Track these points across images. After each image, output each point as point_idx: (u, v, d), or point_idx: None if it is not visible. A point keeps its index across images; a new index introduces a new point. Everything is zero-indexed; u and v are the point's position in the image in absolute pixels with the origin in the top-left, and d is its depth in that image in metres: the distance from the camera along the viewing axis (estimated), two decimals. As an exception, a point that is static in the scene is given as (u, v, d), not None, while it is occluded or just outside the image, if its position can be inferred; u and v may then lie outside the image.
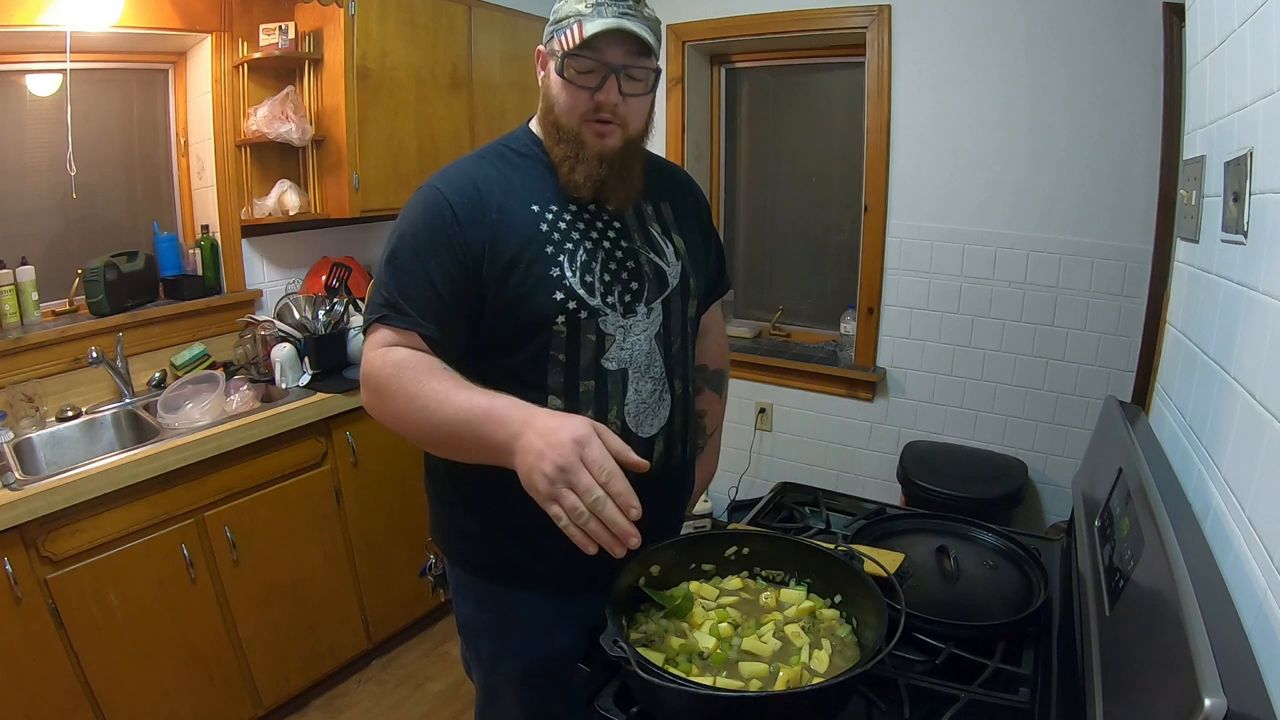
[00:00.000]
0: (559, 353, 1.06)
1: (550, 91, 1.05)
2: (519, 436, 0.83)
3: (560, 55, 1.00)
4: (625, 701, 0.89)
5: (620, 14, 0.98)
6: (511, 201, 1.05)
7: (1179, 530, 0.77)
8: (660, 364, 1.12)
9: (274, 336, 2.32)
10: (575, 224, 1.07)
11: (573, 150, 1.05)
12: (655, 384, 1.12)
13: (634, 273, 1.10)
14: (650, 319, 1.11)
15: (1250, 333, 0.81)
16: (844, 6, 2.59)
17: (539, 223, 1.05)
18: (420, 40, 2.47)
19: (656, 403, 1.12)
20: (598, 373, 1.07)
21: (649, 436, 1.12)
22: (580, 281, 1.05)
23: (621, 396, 1.09)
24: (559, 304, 1.04)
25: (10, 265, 1.98)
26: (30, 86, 2.06)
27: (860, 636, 0.92)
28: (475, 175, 1.06)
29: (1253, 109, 0.84)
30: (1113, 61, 2.22)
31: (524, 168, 1.09)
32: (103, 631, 1.72)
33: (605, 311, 1.07)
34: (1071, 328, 2.44)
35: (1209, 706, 0.52)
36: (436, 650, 2.52)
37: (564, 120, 1.04)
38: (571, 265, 1.05)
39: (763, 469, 3.08)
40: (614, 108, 1.02)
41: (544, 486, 0.79)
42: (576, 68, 1.00)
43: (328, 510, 2.21)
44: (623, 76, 1.01)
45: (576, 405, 1.07)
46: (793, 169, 3.09)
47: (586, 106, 1.02)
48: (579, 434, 0.79)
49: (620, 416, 1.09)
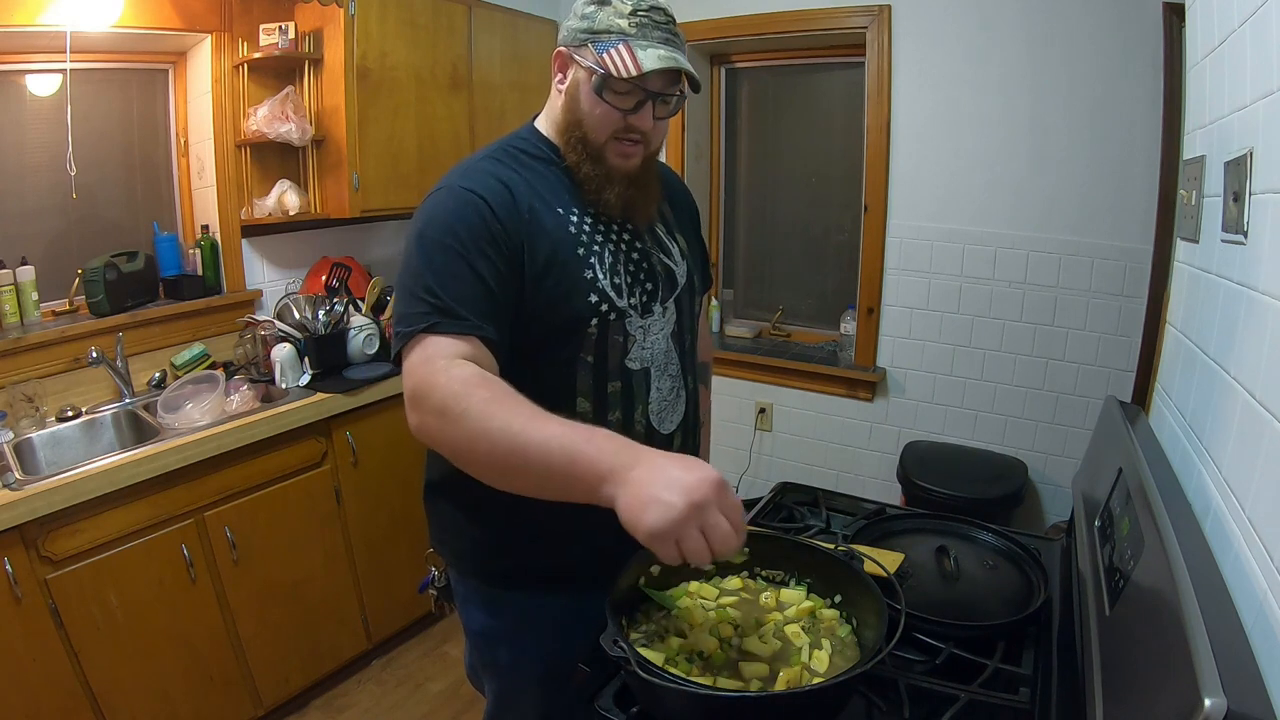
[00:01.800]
0: (588, 354, 1.06)
1: (580, 105, 1.03)
2: (631, 469, 0.77)
3: (602, 75, 0.99)
4: (625, 701, 0.89)
5: (665, 40, 0.99)
6: (538, 203, 1.04)
7: (1179, 530, 0.77)
8: (676, 361, 1.15)
9: (274, 336, 2.31)
10: (598, 226, 1.08)
11: (599, 169, 1.05)
12: (673, 381, 1.14)
13: (649, 273, 1.11)
14: (666, 318, 1.13)
15: (1250, 333, 0.81)
16: (844, 6, 2.59)
17: (567, 225, 1.05)
18: (420, 40, 2.47)
19: (675, 399, 1.15)
20: (623, 373, 1.09)
21: (669, 433, 1.14)
22: (610, 283, 1.06)
23: (646, 396, 1.10)
24: (593, 306, 1.04)
25: (10, 265, 1.98)
26: (30, 86, 2.06)
27: (860, 636, 0.92)
28: (500, 175, 1.03)
29: (1253, 109, 0.84)
30: (1113, 61, 2.22)
31: (540, 170, 1.08)
32: (103, 631, 1.72)
33: (630, 313, 1.08)
34: (1071, 328, 2.44)
35: (1209, 706, 0.52)
36: (436, 650, 2.52)
37: (592, 136, 1.04)
38: (601, 267, 1.05)
39: (763, 469, 3.08)
40: (645, 130, 1.04)
41: (670, 524, 0.73)
42: (616, 89, 1.00)
43: (328, 510, 2.21)
44: (658, 102, 1.02)
45: (605, 406, 1.08)
46: (793, 169, 3.09)
47: (619, 126, 1.03)
48: (718, 478, 0.76)
49: (645, 415, 1.11)
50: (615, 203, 1.06)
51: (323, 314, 2.34)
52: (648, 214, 1.12)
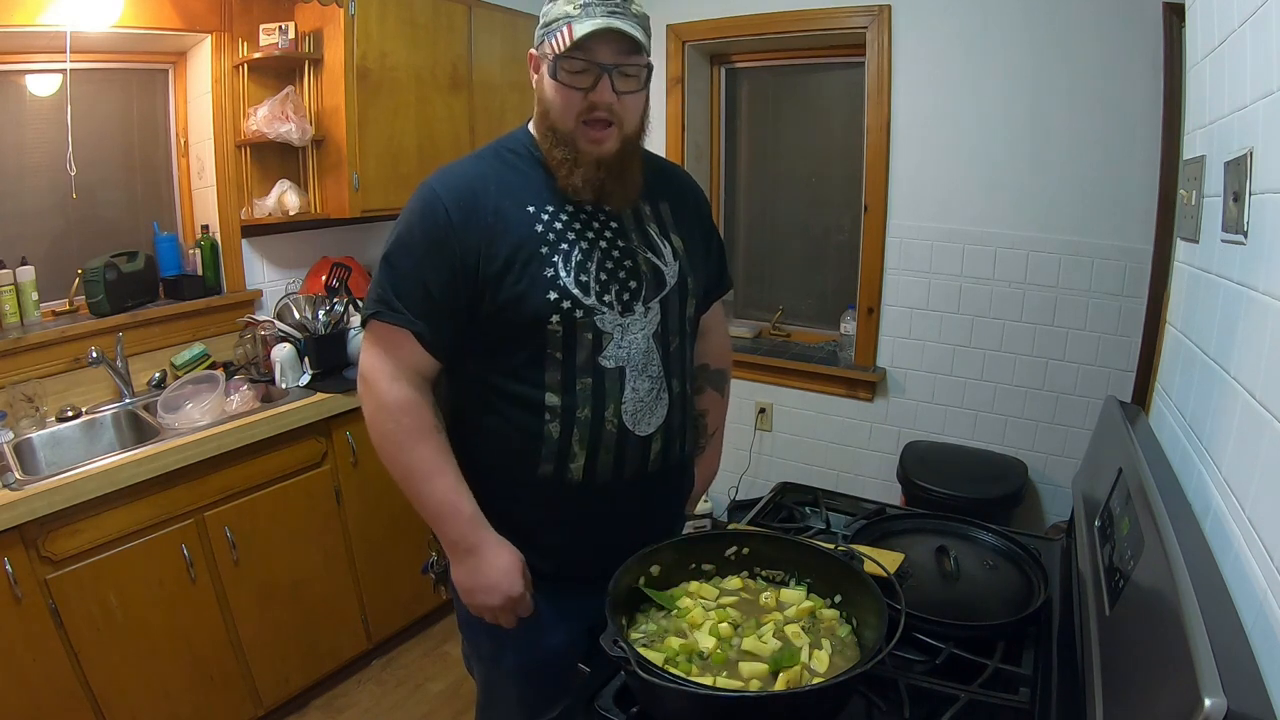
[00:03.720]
0: (555, 351, 1.07)
1: (544, 94, 1.06)
2: (471, 554, 1.09)
3: (552, 58, 1.02)
4: (625, 701, 0.89)
5: (609, 13, 0.99)
6: (507, 202, 1.06)
7: (1179, 530, 0.77)
8: (658, 363, 1.12)
9: (274, 336, 2.32)
10: (572, 224, 1.08)
11: (569, 154, 1.06)
12: (653, 382, 1.12)
13: (631, 271, 1.10)
14: (648, 318, 1.11)
15: (1250, 333, 0.81)
16: (844, 6, 2.59)
17: (534, 224, 1.07)
18: (420, 40, 2.47)
19: (654, 401, 1.13)
20: (595, 370, 1.08)
21: (646, 435, 1.12)
22: (575, 281, 1.06)
23: (619, 394, 1.09)
24: (553, 304, 1.05)
25: (10, 265, 1.98)
26: (30, 86, 2.06)
27: (860, 636, 0.92)
28: (472, 176, 1.09)
29: (1253, 109, 0.84)
30: (1113, 61, 2.22)
31: (521, 169, 1.10)
32: (103, 631, 1.72)
33: (602, 310, 1.07)
34: (1071, 328, 2.44)
35: (1209, 706, 0.52)
36: (436, 650, 2.52)
37: (559, 123, 1.05)
38: (566, 265, 1.06)
39: (763, 469, 3.08)
40: (609, 106, 1.03)
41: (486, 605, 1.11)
42: (569, 69, 1.02)
43: (328, 510, 2.21)
44: (616, 75, 1.02)
45: (574, 402, 1.07)
46: (793, 169, 3.09)
47: (581, 107, 1.03)
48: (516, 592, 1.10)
49: (617, 414, 1.09)
50: (583, 186, 1.07)
51: (323, 314, 2.34)
52: (621, 199, 1.11)
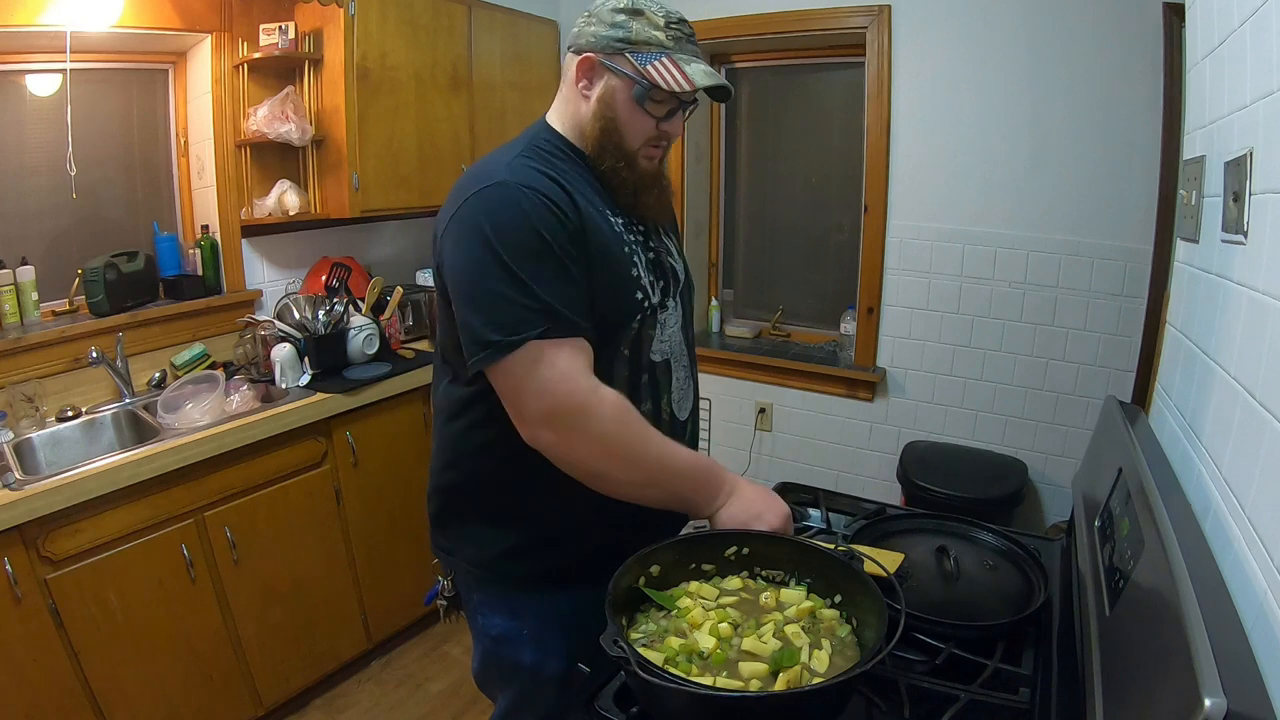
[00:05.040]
0: (625, 348, 1.09)
1: (617, 113, 1.06)
2: (735, 492, 1.07)
3: (645, 86, 1.03)
4: (625, 701, 0.89)
5: (697, 54, 1.06)
6: (582, 200, 1.03)
7: (1179, 530, 0.77)
8: (686, 353, 1.19)
9: (274, 336, 2.31)
10: (630, 225, 1.12)
11: (634, 175, 1.09)
12: (686, 371, 1.20)
13: (662, 270, 1.15)
14: (677, 312, 1.17)
15: (1250, 333, 0.81)
16: (844, 6, 2.59)
17: (611, 223, 1.07)
18: (420, 40, 2.47)
19: (687, 388, 1.21)
20: (650, 365, 1.12)
21: (685, 419, 1.20)
22: (648, 280, 1.10)
23: (669, 385, 1.15)
24: (639, 303, 1.08)
25: (10, 265, 1.98)
26: (30, 86, 2.06)
27: (860, 636, 0.91)
28: (549, 173, 1.02)
29: (1253, 109, 0.85)
30: (1113, 61, 2.22)
31: (567, 170, 1.06)
32: (103, 631, 1.72)
33: (666, 307, 1.14)
34: (1071, 328, 2.44)
35: (1209, 706, 0.52)
36: (436, 650, 2.52)
37: (628, 142, 1.07)
38: (640, 264, 1.09)
39: (763, 469, 3.08)
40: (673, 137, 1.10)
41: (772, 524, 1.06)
42: (656, 99, 1.05)
43: (328, 510, 2.21)
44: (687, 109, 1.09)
45: (638, 397, 1.11)
46: (793, 169, 3.09)
47: (654, 133, 1.07)
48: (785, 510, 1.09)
49: (669, 405, 1.16)
50: (653, 205, 1.12)
51: (323, 314, 2.34)
52: (670, 214, 1.19)
